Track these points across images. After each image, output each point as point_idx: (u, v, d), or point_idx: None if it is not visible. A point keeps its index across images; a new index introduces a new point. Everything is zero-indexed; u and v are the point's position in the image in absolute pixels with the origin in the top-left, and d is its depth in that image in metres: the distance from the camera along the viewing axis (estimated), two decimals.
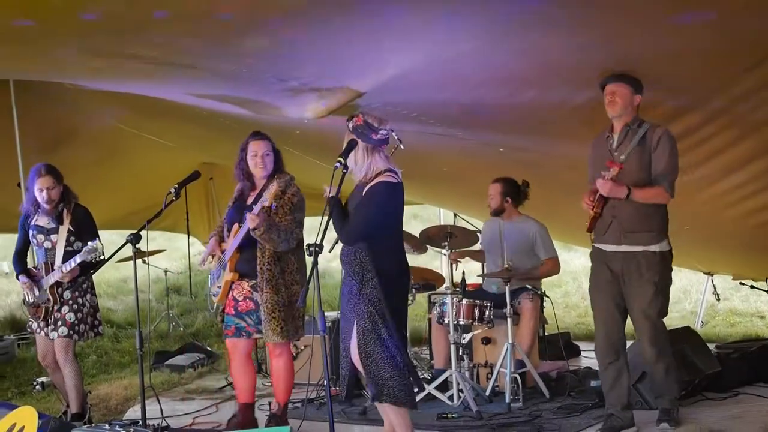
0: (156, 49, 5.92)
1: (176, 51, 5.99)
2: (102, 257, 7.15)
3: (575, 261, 15.57)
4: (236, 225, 6.77)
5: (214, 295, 7.01)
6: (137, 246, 6.57)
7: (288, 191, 6.64)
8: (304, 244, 5.94)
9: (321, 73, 6.44)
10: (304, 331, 7.00)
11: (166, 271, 13.12)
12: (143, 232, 6.69)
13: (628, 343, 6.72)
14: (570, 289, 13.97)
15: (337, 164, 5.66)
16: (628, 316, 6.51)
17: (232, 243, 6.76)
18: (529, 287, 8.12)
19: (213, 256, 6.99)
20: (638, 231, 6.30)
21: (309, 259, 6.64)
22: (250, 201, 6.80)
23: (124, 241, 6.56)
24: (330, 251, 7.94)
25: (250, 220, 6.37)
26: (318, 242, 5.46)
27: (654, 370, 6.59)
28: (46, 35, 5.67)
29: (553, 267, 8.33)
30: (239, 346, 6.92)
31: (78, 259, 7.16)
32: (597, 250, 6.58)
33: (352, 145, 5.74)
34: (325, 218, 5.51)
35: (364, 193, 5.72)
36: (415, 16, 5.23)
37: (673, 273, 6.51)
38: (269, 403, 7.22)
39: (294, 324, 6.75)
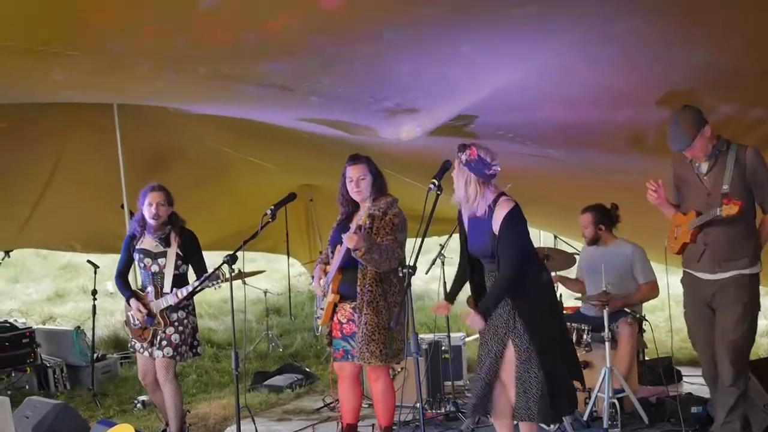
0: (250, 71, 6.00)
1: (271, 73, 6.05)
2: (222, 284, 7.20)
3: (679, 284, 15.26)
4: (339, 246, 6.75)
5: (317, 318, 7.01)
6: (237, 267, 6.62)
7: (389, 212, 6.60)
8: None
9: (416, 93, 6.45)
10: (404, 355, 6.93)
11: (265, 292, 13.22)
12: (240, 253, 6.76)
13: None
14: (674, 312, 13.58)
15: (431, 186, 5.67)
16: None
17: (333, 264, 6.75)
18: (628, 311, 7.99)
19: (321, 281, 6.98)
20: (733, 259, 6.18)
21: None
22: (354, 223, 6.80)
23: (221, 261, 6.64)
24: (426, 273, 7.97)
25: (348, 240, 6.37)
26: (412, 264, 5.48)
27: (726, 393, 6.33)
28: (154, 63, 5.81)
29: (651, 291, 8.16)
30: (346, 368, 6.92)
31: (197, 284, 7.24)
32: (689, 277, 6.51)
33: (446, 167, 5.78)
34: (419, 240, 5.51)
35: (499, 225, 5.80)
36: (510, 36, 5.21)
37: None
38: (372, 426, 7.20)
39: (393, 347, 6.67)
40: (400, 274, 5.57)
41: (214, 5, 4.71)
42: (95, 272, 10.27)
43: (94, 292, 10.10)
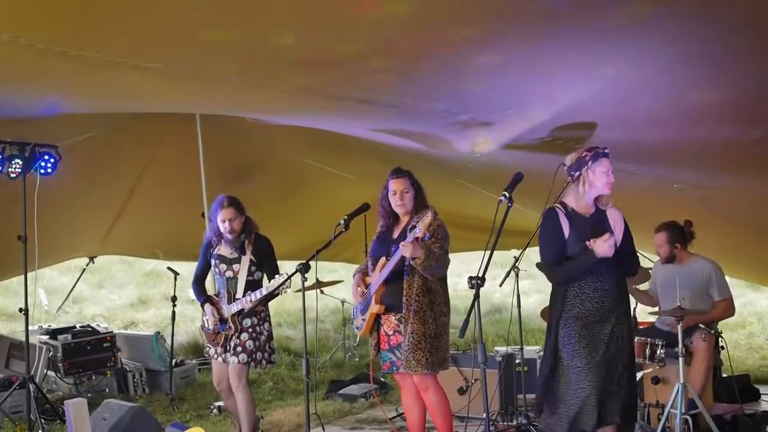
0: (327, 86, 6.09)
1: (348, 85, 6.13)
2: (288, 290, 7.31)
3: (761, 301, 15.09)
4: (383, 259, 6.83)
5: (358, 329, 7.11)
6: (315, 276, 6.66)
7: (432, 224, 6.61)
8: (466, 277, 5.97)
9: (490, 106, 6.48)
10: (449, 364, 6.96)
11: (343, 302, 13.33)
12: (315, 263, 6.85)
13: None
14: (755, 330, 13.52)
15: (502, 198, 5.71)
16: None
17: (378, 276, 6.80)
18: (703, 326, 7.90)
19: (359, 289, 7.07)
20: None
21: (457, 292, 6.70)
22: (395, 235, 6.88)
23: (294, 270, 6.73)
24: (500, 285, 7.99)
25: (405, 249, 6.41)
26: (480, 275, 5.50)
27: None
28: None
29: (727, 309, 8.06)
30: (407, 380, 6.95)
31: (265, 291, 7.33)
32: None
33: (517, 179, 5.82)
34: (488, 252, 5.54)
35: (623, 226, 6.22)
36: (588, 50, 5.21)
37: None
38: None
39: (439, 355, 6.70)
40: (469, 286, 5.58)
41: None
42: (175, 279, 10.45)
43: (174, 299, 10.27)
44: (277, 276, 7.29)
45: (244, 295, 7.46)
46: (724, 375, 8.67)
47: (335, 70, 5.75)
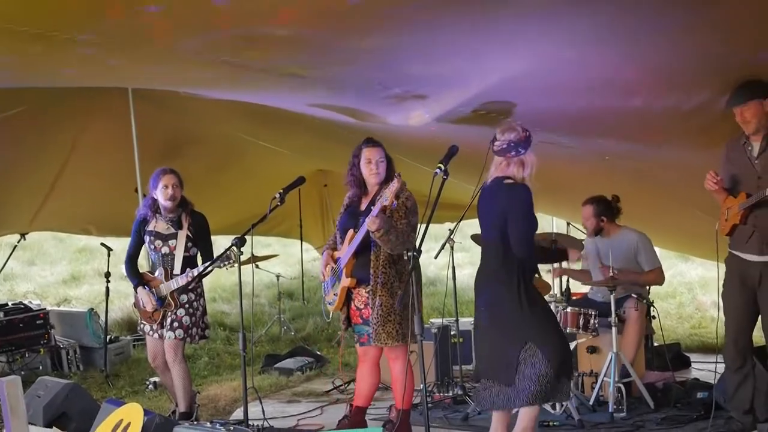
0: (261, 59, 6.06)
1: (283, 58, 6.10)
2: (231, 264, 7.26)
3: (691, 272, 15.32)
4: (351, 231, 6.81)
5: (329, 304, 7.05)
6: (251, 251, 6.63)
7: (401, 195, 6.59)
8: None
9: (424, 80, 6.48)
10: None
11: (278, 276, 13.30)
12: (251, 237, 6.84)
13: None
14: (684, 300, 13.73)
15: (437, 170, 5.71)
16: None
17: (347, 249, 6.78)
18: (635, 295, 8.03)
19: (328, 267, 7.04)
20: None
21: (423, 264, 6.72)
22: (364, 206, 6.87)
23: (230, 244, 6.72)
24: (435, 257, 8.02)
25: (371, 222, 6.39)
26: (416, 248, 5.53)
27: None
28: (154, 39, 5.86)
29: (657, 277, 8.21)
30: (369, 352, 6.95)
31: (208, 266, 7.30)
32: (735, 258, 6.53)
33: (452, 152, 5.82)
34: (423, 225, 5.57)
35: None
36: (519, 23, 5.23)
37: None
38: (389, 407, 7.28)
39: (410, 327, 6.73)
40: (405, 257, 5.60)
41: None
42: (109, 255, 10.37)
43: (108, 275, 10.19)
44: (214, 256, 7.27)
45: (182, 272, 7.42)
46: (656, 344, 8.81)
47: (267, 43, 5.72)
